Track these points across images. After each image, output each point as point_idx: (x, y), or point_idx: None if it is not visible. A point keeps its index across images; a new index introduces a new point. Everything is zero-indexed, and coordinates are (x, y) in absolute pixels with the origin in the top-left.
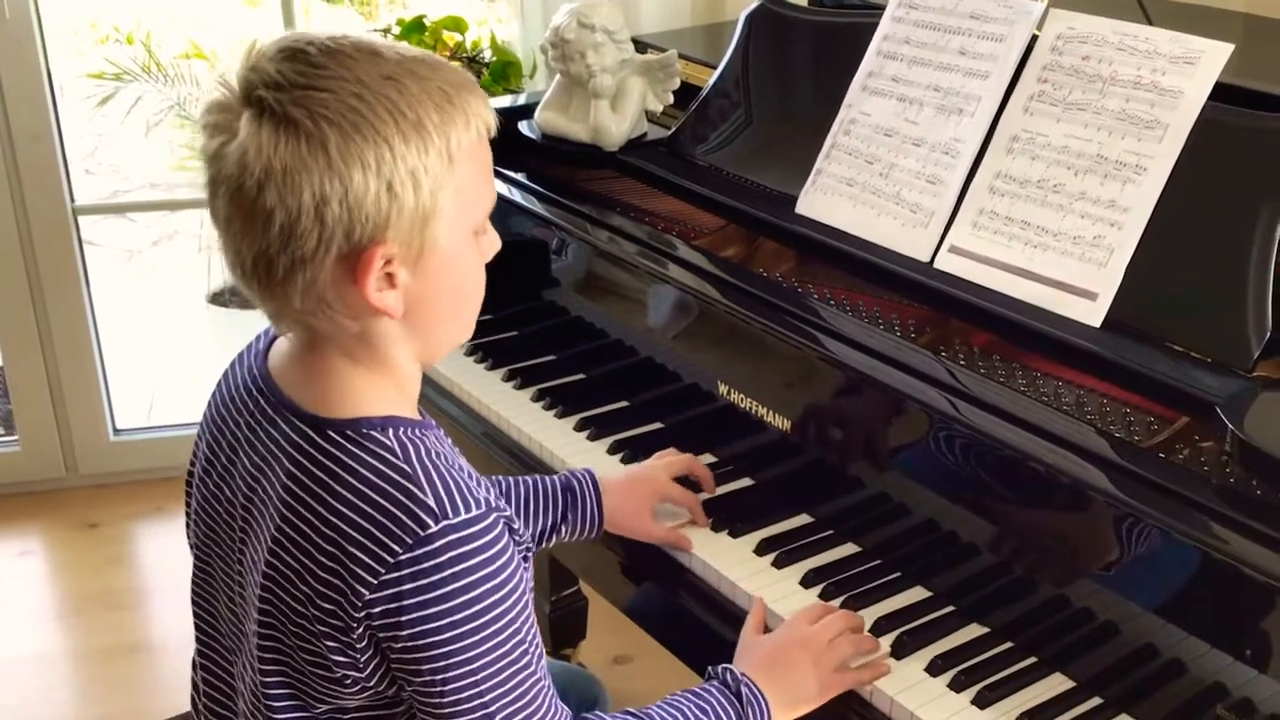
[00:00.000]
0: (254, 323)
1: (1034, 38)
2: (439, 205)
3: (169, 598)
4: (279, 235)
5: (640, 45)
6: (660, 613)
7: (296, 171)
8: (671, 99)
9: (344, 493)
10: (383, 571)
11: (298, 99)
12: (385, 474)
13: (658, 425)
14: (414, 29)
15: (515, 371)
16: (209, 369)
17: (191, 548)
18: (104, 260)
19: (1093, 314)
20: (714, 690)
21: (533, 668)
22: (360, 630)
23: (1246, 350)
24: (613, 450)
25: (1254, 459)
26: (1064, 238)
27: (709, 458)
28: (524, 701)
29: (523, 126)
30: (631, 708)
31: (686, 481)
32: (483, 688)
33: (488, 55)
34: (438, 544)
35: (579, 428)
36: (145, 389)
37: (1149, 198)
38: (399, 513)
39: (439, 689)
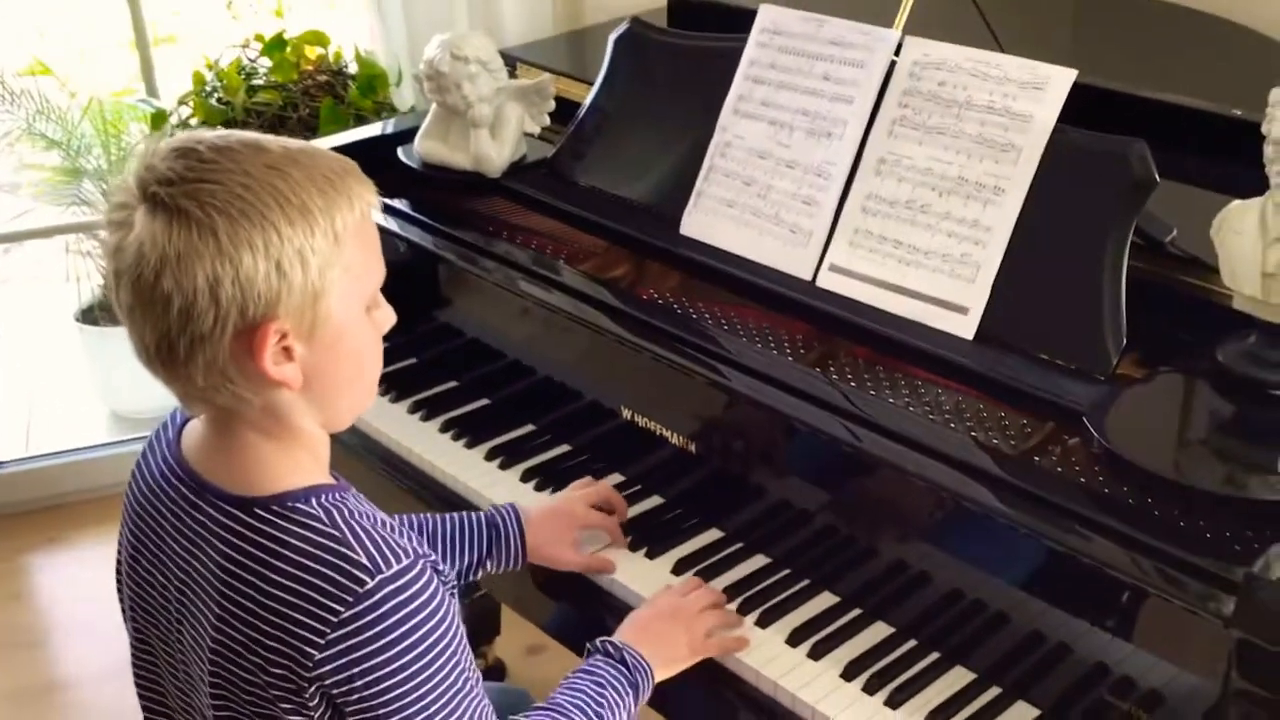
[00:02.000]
0: (125, 339)
1: (893, 64)
2: (327, 282)
3: (74, 631)
4: (178, 317)
5: (508, 59)
6: (580, 633)
7: (189, 257)
8: (548, 120)
9: (281, 565)
10: (329, 631)
11: (189, 191)
12: (316, 541)
13: (565, 448)
14: (275, 46)
15: (420, 403)
16: (84, 390)
17: (130, 634)
18: None
19: (965, 327)
20: (600, 662)
21: (474, 692)
22: (312, 689)
23: (1106, 358)
24: (525, 478)
25: (1118, 463)
26: (934, 255)
27: (617, 477)
28: None
29: (401, 154)
30: (540, 704)
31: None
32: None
33: (352, 68)
34: (377, 597)
35: (489, 457)
36: (19, 412)
37: (1009, 217)
38: (336, 575)
39: None
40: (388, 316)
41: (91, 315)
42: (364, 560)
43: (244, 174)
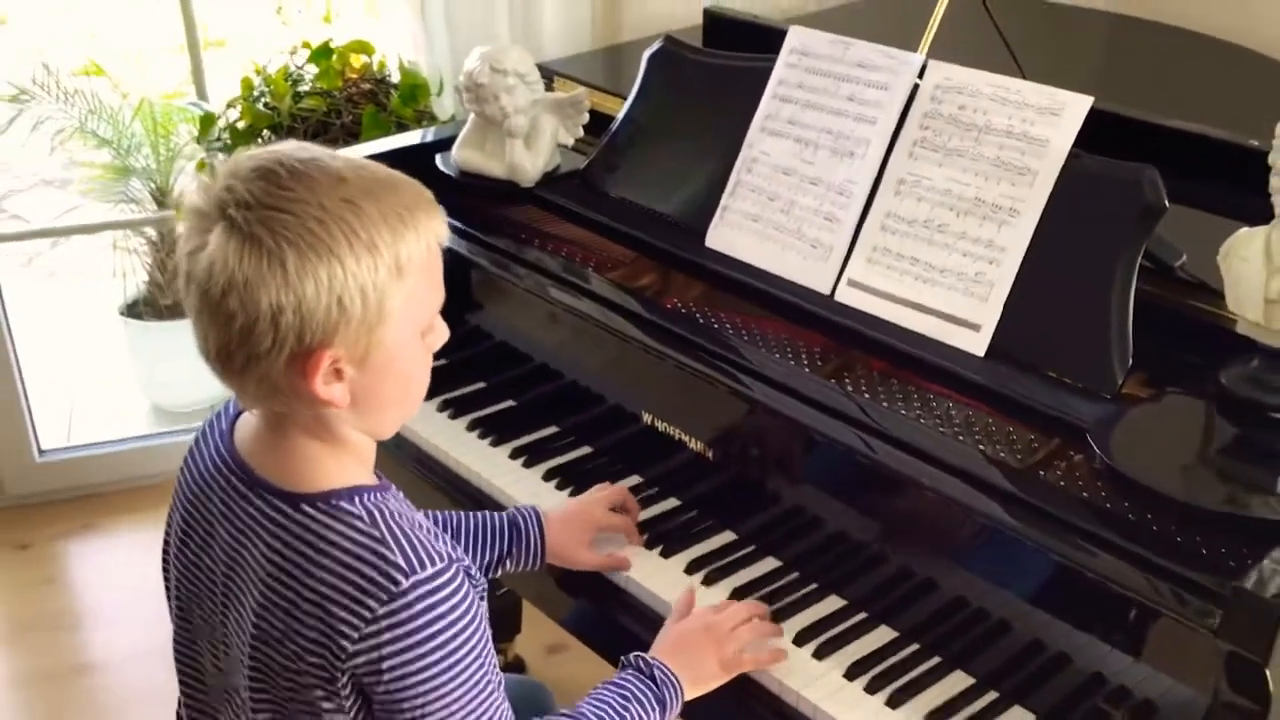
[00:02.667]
0: (168, 334)
1: (916, 86)
2: (385, 313)
3: (107, 615)
4: (238, 334)
5: (546, 72)
6: (597, 629)
7: (256, 284)
8: (581, 133)
9: (322, 560)
10: (363, 626)
11: (263, 218)
12: (357, 540)
13: (587, 450)
14: (322, 54)
15: (449, 402)
16: (127, 383)
17: (173, 612)
18: (2, 265)
19: (977, 344)
20: (630, 677)
21: (495, 694)
22: (345, 679)
23: (1112, 378)
24: (547, 477)
25: (1119, 480)
26: (949, 274)
27: (635, 479)
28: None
29: (439, 161)
30: (565, 709)
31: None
32: (455, 716)
33: (395, 77)
34: (410, 597)
35: (514, 455)
36: (62, 403)
37: (1023, 238)
38: (373, 573)
39: None
40: (440, 337)
41: (136, 310)
42: (400, 561)
43: (319, 206)
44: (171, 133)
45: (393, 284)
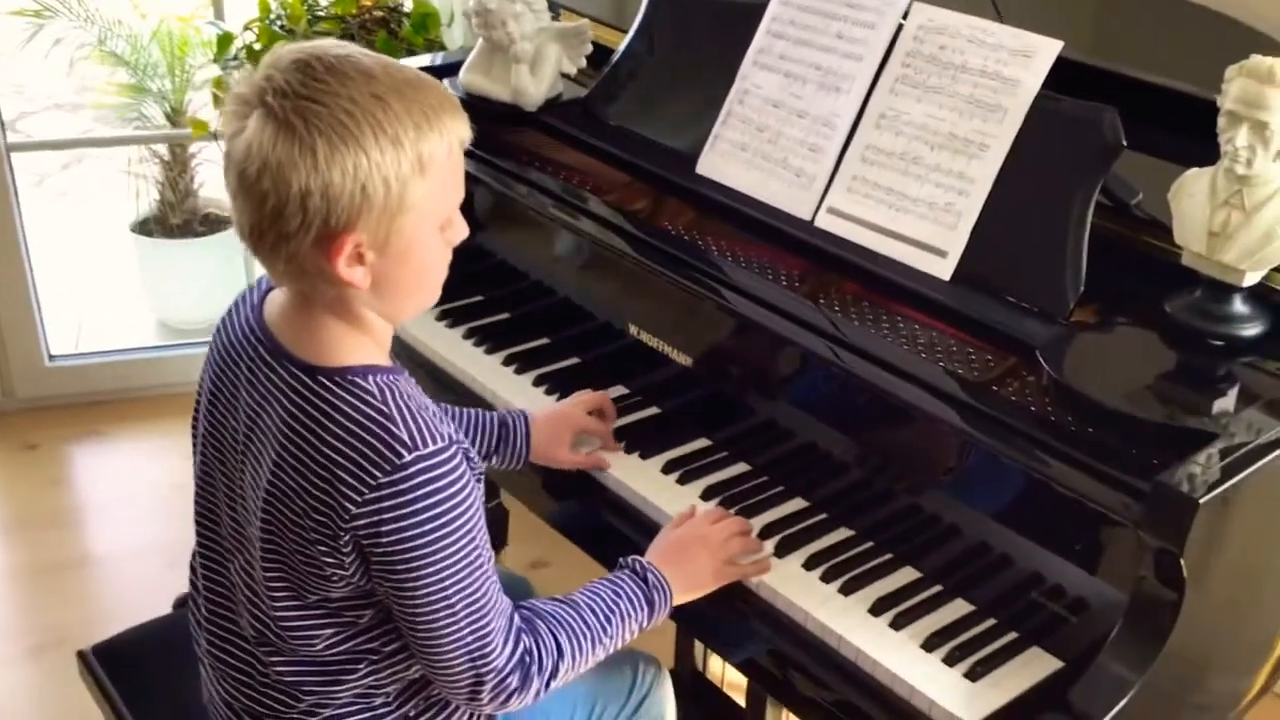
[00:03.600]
0: (177, 251)
1: (900, 27)
2: (406, 204)
3: (109, 514)
4: (269, 214)
5: (551, 5)
6: (580, 524)
7: (287, 167)
8: (584, 63)
9: (334, 428)
10: (366, 492)
11: (297, 108)
12: (367, 413)
13: (575, 360)
14: None
15: (447, 312)
16: (134, 298)
17: (196, 465)
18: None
19: (943, 269)
20: (624, 576)
21: (485, 567)
22: (347, 538)
23: (1064, 302)
24: (536, 383)
25: (1062, 392)
26: (921, 203)
27: (620, 389)
28: (479, 593)
29: (446, 85)
30: (559, 596)
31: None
32: (446, 584)
33: (407, 5)
34: (411, 470)
35: (506, 363)
36: (70, 315)
37: (991, 171)
38: (379, 444)
39: (410, 586)
40: (460, 233)
41: (147, 228)
42: (404, 436)
43: (349, 99)
44: (187, 55)
45: (414, 177)
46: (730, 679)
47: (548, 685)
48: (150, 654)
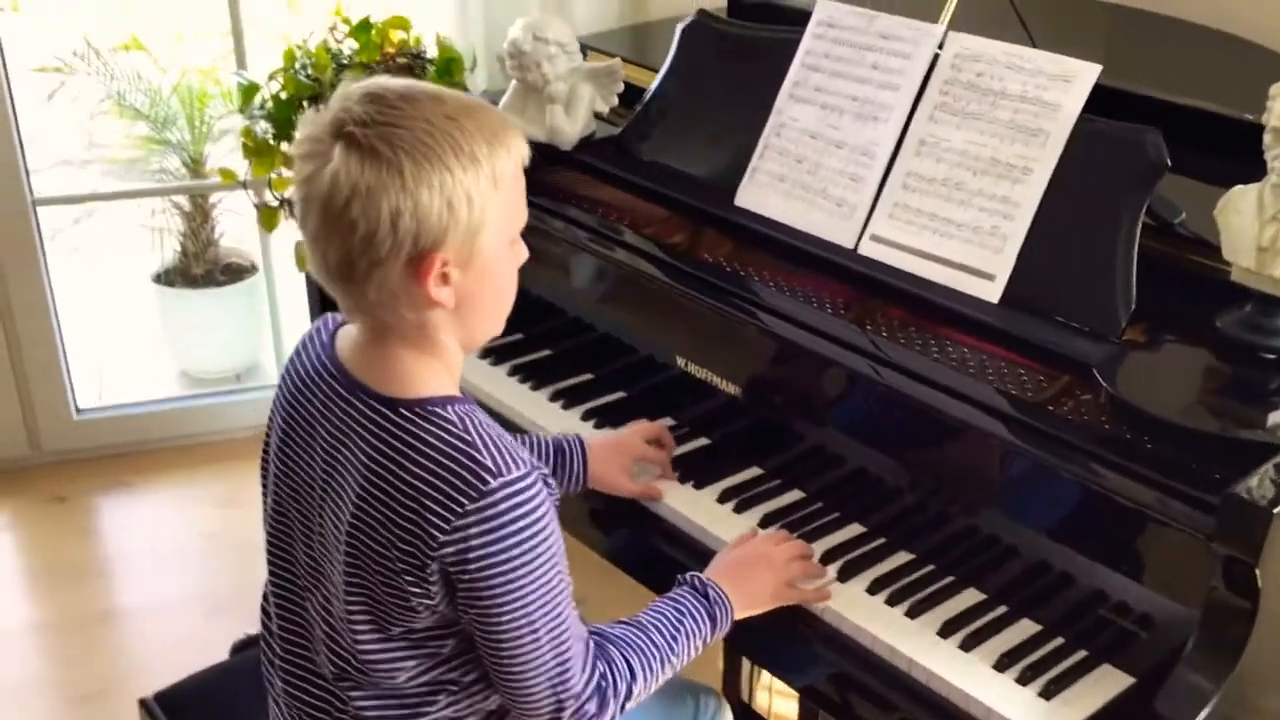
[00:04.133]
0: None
1: (936, 56)
2: (485, 220)
3: (140, 565)
4: (360, 242)
5: (580, 46)
6: (632, 553)
7: (377, 191)
8: (616, 101)
9: (418, 458)
10: (453, 520)
11: (381, 134)
12: (450, 442)
13: (621, 394)
14: (362, 29)
15: (489, 350)
16: (156, 346)
17: (269, 506)
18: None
19: (991, 292)
20: (685, 594)
21: (566, 592)
22: (434, 567)
23: (1116, 321)
24: (586, 418)
25: (1122, 409)
26: (965, 228)
27: (668, 420)
28: (560, 618)
29: None
30: (624, 619)
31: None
32: (531, 609)
33: (431, 51)
34: (497, 495)
35: (553, 399)
36: (88, 366)
37: (1035, 194)
38: (464, 472)
39: (496, 611)
40: (524, 253)
41: (168, 278)
42: (489, 463)
43: (426, 121)
44: (206, 106)
45: (490, 193)
46: (777, 711)
47: (622, 708)
48: (213, 699)
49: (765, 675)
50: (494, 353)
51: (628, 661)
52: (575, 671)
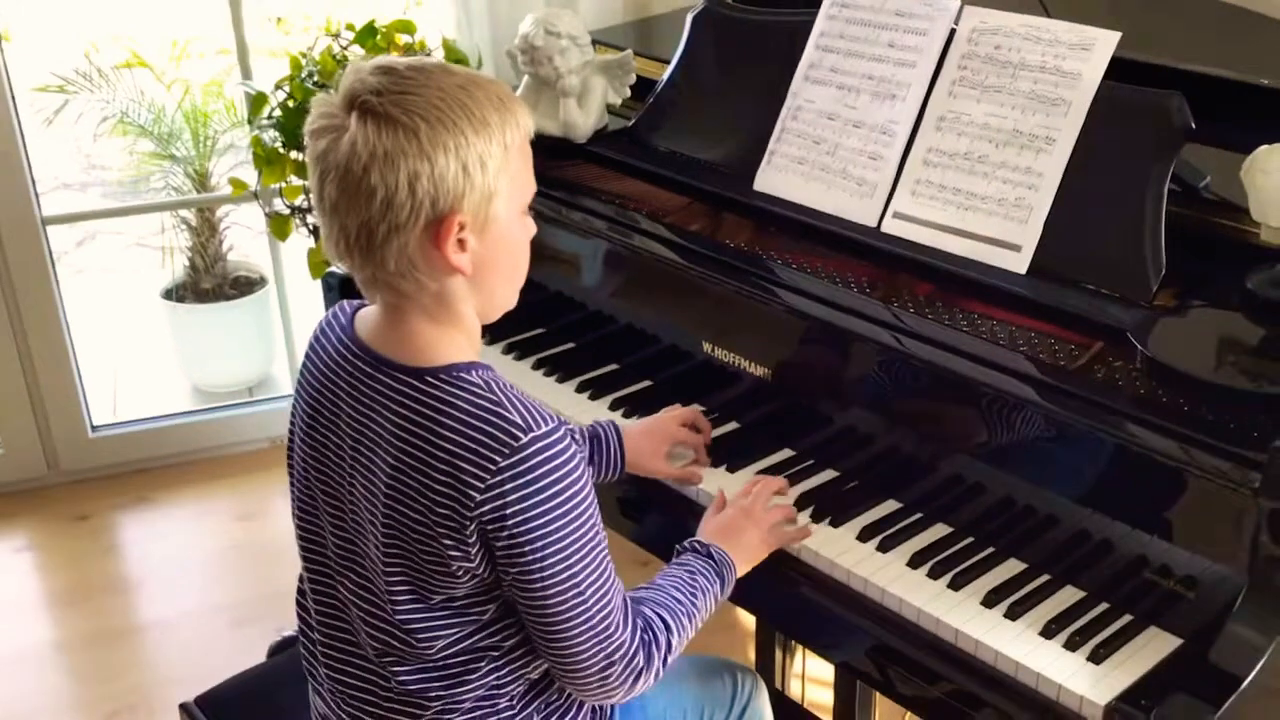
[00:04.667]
0: (208, 316)
1: (952, 31)
2: (499, 186)
3: (166, 579)
4: (380, 207)
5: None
6: (665, 539)
7: (395, 155)
8: (629, 93)
9: (449, 422)
10: (488, 478)
11: (395, 101)
12: (479, 404)
13: (648, 383)
14: (367, 33)
15: (513, 345)
16: (167, 362)
17: (295, 497)
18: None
19: (1018, 263)
20: (690, 558)
21: (604, 545)
22: (472, 527)
23: (1146, 286)
24: (614, 407)
25: (1160, 372)
26: (990, 200)
27: (697, 407)
28: (601, 571)
29: None
30: (640, 585)
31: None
32: (571, 562)
33: (437, 54)
34: (529, 450)
35: (579, 390)
36: (100, 383)
37: (1059, 163)
38: (495, 431)
39: (537, 568)
40: (533, 226)
41: (178, 293)
42: (518, 420)
43: (438, 89)
44: (209, 120)
45: (502, 159)
46: (811, 698)
47: (665, 662)
48: (255, 699)
49: (799, 663)
50: (517, 347)
51: (660, 617)
52: (618, 623)
